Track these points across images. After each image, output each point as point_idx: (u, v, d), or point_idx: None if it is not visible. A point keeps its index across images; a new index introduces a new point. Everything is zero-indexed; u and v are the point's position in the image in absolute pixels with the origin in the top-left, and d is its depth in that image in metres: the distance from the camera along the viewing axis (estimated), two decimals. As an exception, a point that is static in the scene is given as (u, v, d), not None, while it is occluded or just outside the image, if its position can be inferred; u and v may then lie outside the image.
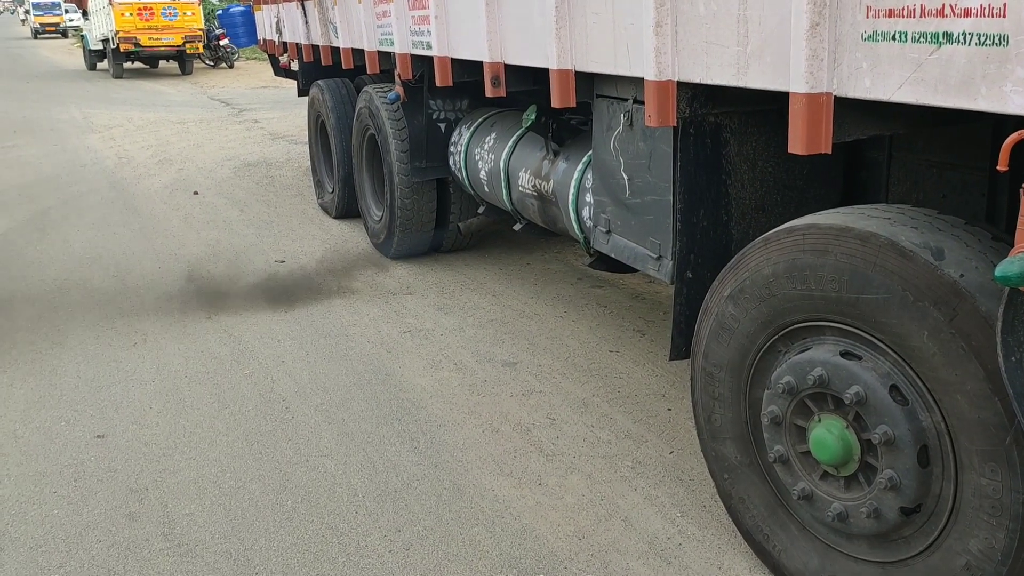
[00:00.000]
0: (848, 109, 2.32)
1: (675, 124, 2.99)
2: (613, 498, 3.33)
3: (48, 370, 4.71)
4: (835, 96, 2.29)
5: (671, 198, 3.19)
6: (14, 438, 3.97)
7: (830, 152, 2.33)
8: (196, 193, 9.06)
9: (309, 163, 8.54)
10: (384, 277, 6.07)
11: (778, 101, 2.54)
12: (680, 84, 2.93)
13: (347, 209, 7.47)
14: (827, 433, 2.44)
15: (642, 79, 3.04)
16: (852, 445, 2.40)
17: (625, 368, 4.47)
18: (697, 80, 2.82)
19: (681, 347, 3.26)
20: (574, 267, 6.16)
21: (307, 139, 8.43)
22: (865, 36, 2.17)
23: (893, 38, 2.10)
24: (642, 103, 3.27)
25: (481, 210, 5.78)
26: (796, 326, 2.52)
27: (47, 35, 44.12)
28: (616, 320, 5.13)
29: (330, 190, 7.79)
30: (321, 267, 6.37)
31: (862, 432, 2.38)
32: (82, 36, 27.41)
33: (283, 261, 6.56)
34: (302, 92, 8.51)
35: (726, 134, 3.12)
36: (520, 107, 5.26)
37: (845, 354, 2.39)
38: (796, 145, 2.36)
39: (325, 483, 3.50)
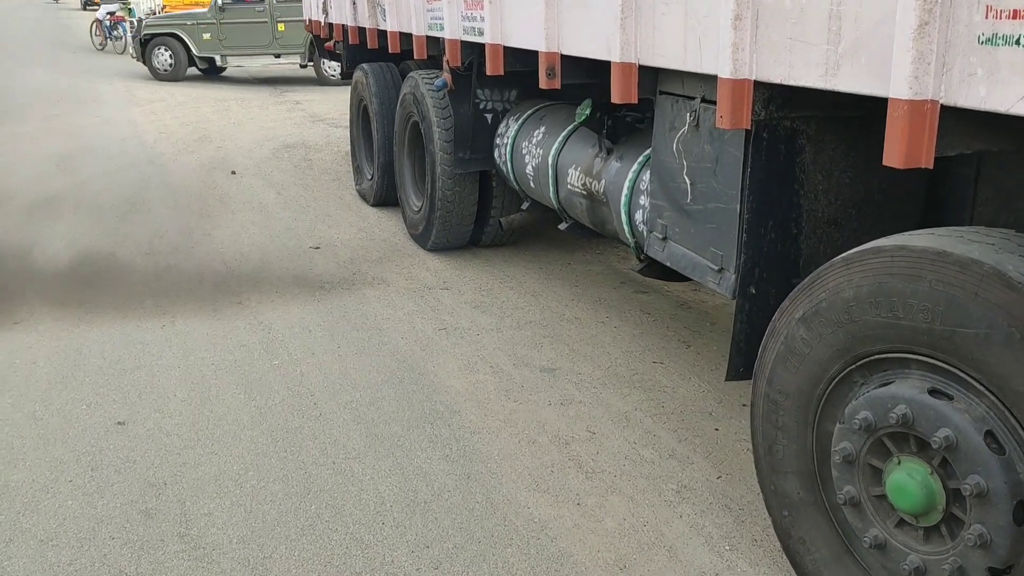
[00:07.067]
0: (954, 120, 2.08)
1: (749, 127, 2.76)
2: (657, 524, 3.11)
3: (73, 349, 4.58)
4: (941, 105, 2.05)
5: (738, 207, 2.96)
6: (33, 420, 3.83)
7: (931, 167, 2.10)
8: (233, 173, 8.93)
9: (349, 148, 8.38)
10: (420, 270, 5.88)
11: (864, 107, 2.32)
12: (757, 84, 2.70)
13: (385, 197, 7.29)
14: (908, 478, 2.20)
15: (714, 76, 2.82)
16: (936, 493, 2.16)
17: (670, 381, 4.24)
18: (777, 80, 2.58)
19: (739, 367, 3.03)
20: (617, 270, 5.93)
21: (348, 123, 8.26)
22: (982, 39, 1.93)
23: (1017, 42, 1.85)
24: (711, 103, 3.05)
25: (525, 206, 5.57)
26: (877, 356, 2.28)
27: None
28: (660, 329, 4.90)
29: (369, 177, 7.61)
30: (356, 256, 6.20)
31: (949, 480, 2.14)
32: (129, 9, 27.52)
33: (318, 247, 6.39)
34: (345, 75, 8.34)
35: (802, 140, 2.89)
36: (571, 100, 5.03)
37: (933, 392, 2.15)
38: (893, 157, 2.13)
39: (351, 488, 3.31)
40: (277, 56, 16.63)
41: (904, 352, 2.21)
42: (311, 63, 16.19)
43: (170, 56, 16.75)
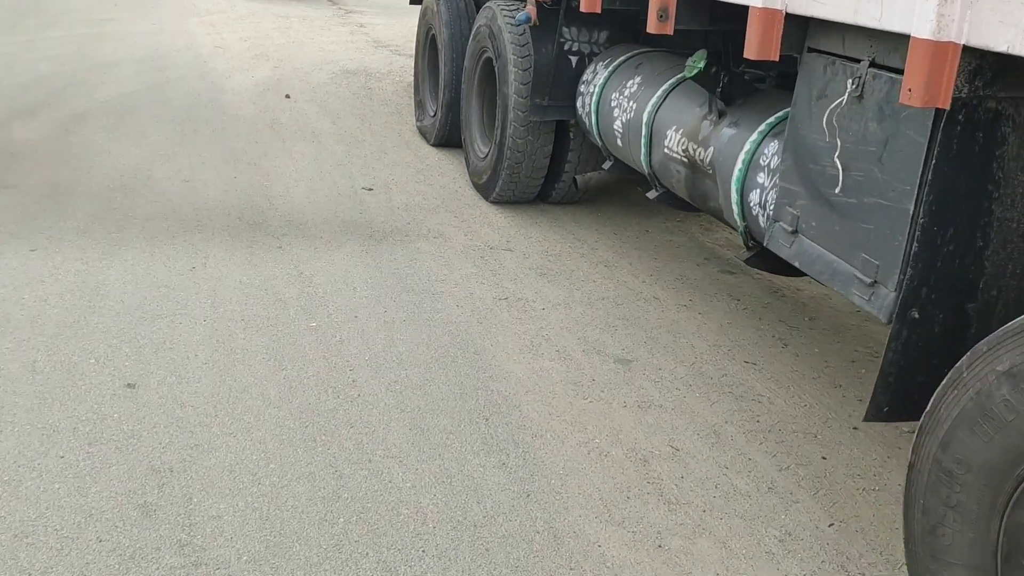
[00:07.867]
0: None
1: (946, 106, 2.10)
2: (756, 585, 2.54)
3: (91, 288, 4.08)
4: None
5: (911, 207, 2.30)
6: (32, 372, 3.34)
7: None
8: (288, 96, 8.35)
9: (412, 79, 7.73)
10: (481, 225, 5.29)
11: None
12: (965, 50, 2.03)
13: (448, 137, 6.66)
14: None
15: (897, 35, 2.16)
16: None
17: (765, 389, 3.63)
18: (1001, 48, 1.92)
19: (883, 406, 2.41)
20: (700, 243, 5.28)
21: (413, 52, 7.61)
22: None
23: None
24: (886, 69, 2.39)
25: (607, 166, 4.92)
26: (1123, 444, 1.66)
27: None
28: (752, 321, 4.27)
29: (432, 113, 6.98)
30: (412, 202, 5.61)
31: None
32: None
33: (371, 189, 5.82)
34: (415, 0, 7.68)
35: (1005, 128, 2.22)
36: (674, 49, 4.37)
37: None
38: None
39: (388, 498, 2.78)
40: None
41: None
42: None
43: None
